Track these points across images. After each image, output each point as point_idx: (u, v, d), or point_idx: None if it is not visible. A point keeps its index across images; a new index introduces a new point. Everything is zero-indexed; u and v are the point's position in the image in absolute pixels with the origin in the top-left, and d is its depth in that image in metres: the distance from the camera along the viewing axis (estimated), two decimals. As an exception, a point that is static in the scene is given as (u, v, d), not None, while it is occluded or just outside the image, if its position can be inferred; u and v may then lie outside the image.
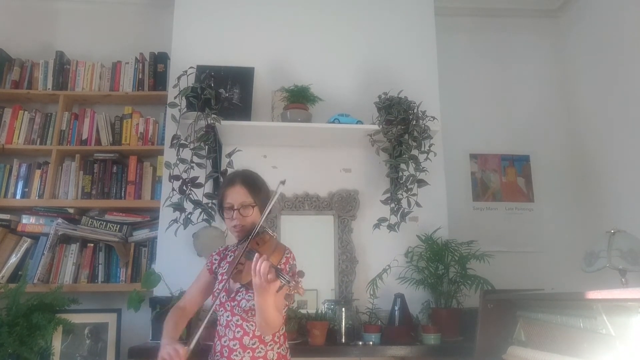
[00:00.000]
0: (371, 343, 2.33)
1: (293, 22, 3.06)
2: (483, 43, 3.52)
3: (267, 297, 1.56)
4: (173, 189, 2.48)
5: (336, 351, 2.31)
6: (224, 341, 1.78)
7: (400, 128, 2.60)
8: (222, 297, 1.81)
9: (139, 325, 2.62)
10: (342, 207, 2.78)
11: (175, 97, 2.57)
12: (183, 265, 2.53)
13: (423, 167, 2.62)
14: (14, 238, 2.88)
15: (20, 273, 2.75)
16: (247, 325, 1.77)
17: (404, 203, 2.61)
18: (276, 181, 2.81)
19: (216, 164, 2.65)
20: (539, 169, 3.33)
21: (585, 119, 3.28)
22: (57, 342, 2.50)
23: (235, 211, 1.81)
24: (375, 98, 2.73)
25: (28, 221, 2.90)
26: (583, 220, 3.19)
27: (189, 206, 2.50)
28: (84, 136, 3.05)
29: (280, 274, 1.51)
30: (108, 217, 2.94)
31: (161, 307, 2.36)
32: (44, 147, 3.01)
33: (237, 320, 1.77)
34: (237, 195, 1.82)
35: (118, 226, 2.89)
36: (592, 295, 1.37)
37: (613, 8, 3.03)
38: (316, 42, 3.03)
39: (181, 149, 2.51)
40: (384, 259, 2.62)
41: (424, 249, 2.62)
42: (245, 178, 1.87)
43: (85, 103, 3.20)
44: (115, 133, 3.07)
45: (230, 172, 1.98)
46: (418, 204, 2.60)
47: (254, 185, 1.87)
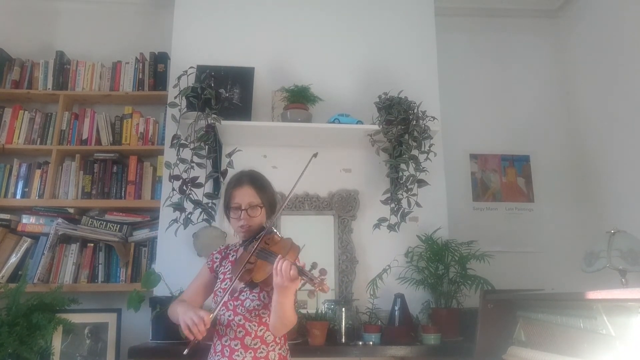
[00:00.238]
0: (371, 343, 2.33)
1: (293, 22, 3.06)
2: (483, 43, 3.52)
3: (288, 296, 1.59)
4: (173, 189, 2.48)
5: (336, 351, 2.31)
6: (225, 341, 1.77)
7: (400, 128, 2.60)
8: (225, 297, 1.80)
9: (139, 325, 2.62)
10: (342, 207, 2.78)
11: (175, 97, 2.57)
12: (183, 265, 2.53)
13: (423, 167, 2.62)
14: (14, 238, 2.88)
15: (20, 273, 2.75)
16: (250, 325, 1.76)
17: (404, 203, 2.61)
18: (276, 181, 2.83)
19: (216, 164, 2.65)
20: (539, 169, 3.33)
21: (585, 119, 3.28)
22: (57, 342, 2.50)
23: (243, 211, 1.81)
24: (375, 98, 2.73)
25: (28, 221, 2.90)
26: (583, 220, 3.19)
27: (189, 206, 2.50)
28: (84, 136, 3.05)
29: (303, 273, 1.52)
30: (108, 217, 2.94)
31: (161, 307, 2.36)
32: (44, 147, 3.01)
33: (240, 320, 1.77)
34: (246, 195, 1.83)
35: (118, 226, 2.89)
36: (592, 295, 1.37)
37: (613, 8, 3.03)
38: (316, 42, 3.03)
39: (181, 149, 2.51)
40: (384, 259, 2.62)
41: (424, 249, 2.62)
42: (252, 178, 1.88)
43: (85, 103, 3.20)
44: (115, 133, 3.08)
45: (235, 172, 1.96)
46: (418, 204, 2.60)
47: (262, 185, 1.89)
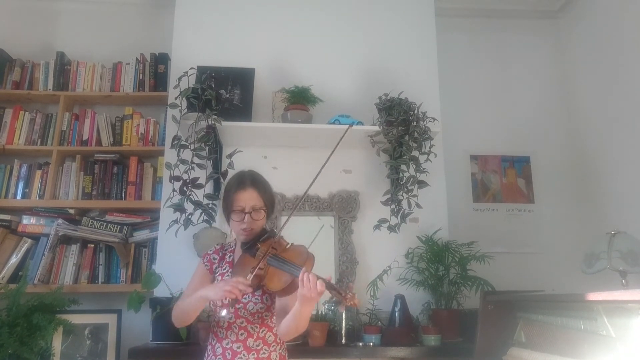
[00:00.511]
0: (371, 344, 2.33)
1: (293, 23, 3.06)
2: (483, 44, 3.52)
3: (311, 307, 1.57)
4: (173, 190, 2.48)
5: (336, 352, 2.31)
6: (226, 344, 1.75)
7: (400, 129, 2.61)
8: (225, 299, 1.78)
9: (139, 326, 2.63)
10: (343, 208, 2.78)
11: (175, 98, 2.57)
12: (183, 266, 2.52)
13: (423, 168, 2.63)
14: (15, 238, 2.88)
15: (20, 274, 2.75)
16: (252, 327, 1.76)
17: (405, 204, 2.61)
18: (277, 182, 2.83)
19: (217, 165, 2.65)
20: (539, 170, 3.33)
21: (585, 120, 3.28)
22: (58, 343, 2.50)
23: (246, 215, 1.77)
24: (375, 99, 2.74)
25: (28, 222, 2.90)
26: (583, 221, 3.19)
27: (190, 207, 2.50)
28: (85, 137, 3.05)
29: (332, 287, 1.50)
30: (108, 218, 2.94)
31: (161, 308, 2.36)
32: (45, 148, 3.01)
33: (242, 322, 1.76)
34: (249, 198, 1.78)
35: (118, 227, 2.89)
36: (593, 296, 1.37)
37: (613, 9, 3.03)
38: (317, 43, 3.03)
39: (182, 150, 2.51)
40: (384, 260, 2.62)
41: (424, 250, 2.62)
42: (254, 181, 1.84)
43: (85, 104, 3.20)
44: (115, 134, 3.08)
45: (235, 174, 1.92)
46: (418, 205, 2.60)
47: (264, 188, 1.85)
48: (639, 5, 2.80)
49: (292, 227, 2.69)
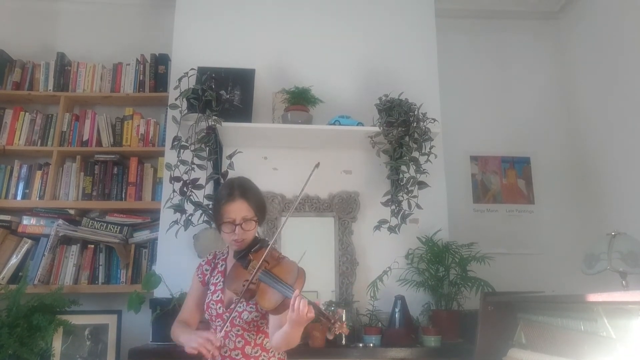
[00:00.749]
0: (371, 345, 2.33)
1: (294, 24, 3.06)
2: (483, 45, 3.52)
3: (301, 329, 1.57)
4: (174, 191, 2.48)
5: (336, 353, 2.31)
6: (224, 352, 1.74)
7: (400, 130, 2.61)
8: (219, 308, 1.77)
9: (140, 326, 2.62)
10: (343, 209, 2.78)
11: (176, 99, 2.57)
12: (183, 266, 2.52)
13: (423, 169, 2.63)
14: (15, 239, 2.88)
15: (20, 274, 2.75)
16: (248, 335, 1.75)
17: (405, 205, 2.61)
18: (277, 182, 2.83)
19: (217, 166, 2.65)
20: (540, 171, 3.33)
21: (585, 121, 3.28)
22: (58, 343, 2.49)
23: (237, 226, 1.74)
24: (375, 100, 2.74)
25: (29, 222, 2.90)
26: (583, 222, 3.19)
27: (190, 208, 2.50)
28: (85, 137, 3.05)
29: (322, 314, 1.49)
30: (109, 219, 2.94)
31: (161, 309, 2.36)
32: (45, 148, 3.01)
33: (238, 330, 1.75)
34: (239, 210, 1.74)
35: (118, 227, 2.89)
36: (593, 297, 1.37)
37: (613, 10, 3.03)
38: (317, 44, 3.03)
39: (182, 151, 2.51)
40: (385, 261, 2.62)
41: (425, 251, 2.62)
42: (244, 191, 1.78)
43: (86, 104, 3.21)
44: (116, 134, 3.08)
45: (224, 184, 1.88)
46: (418, 206, 2.60)
47: (254, 197, 1.80)
48: (639, 6, 2.81)
49: (293, 229, 2.72)
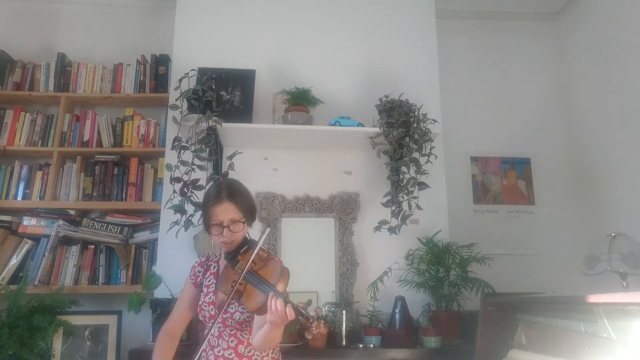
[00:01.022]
0: (372, 346, 2.33)
1: (294, 25, 3.07)
2: (484, 46, 3.52)
3: (281, 330, 1.56)
4: (174, 191, 2.48)
5: (337, 354, 2.31)
6: (218, 351, 1.76)
7: (401, 131, 2.61)
8: (211, 310, 1.78)
9: (140, 327, 2.63)
10: (343, 210, 2.78)
11: (176, 99, 2.57)
12: (184, 267, 2.49)
13: (424, 170, 2.63)
14: (15, 239, 2.88)
15: (21, 275, 2.75)
16: (241, 334, 1.76)
17: (405, 206, 2.61)
18: (277, 183, 2.82)
19: (217, 166, 2.66)
20: (540, 172, 3.33)
21: (585, 122, 3.28)
22: (58, 344, 2.50)
23: (225, 228, 1.73)
24: (376, 101, 2.74)
25: (29, 223, 2.90)
26: (583, 223, 3.19)
27: (190, 208, 2.50)
28: (85, 138, 3.05)
29: (300, 313, 1.48)
30: (109, 219, 2.94)
31: (162, 309, 2.36)
32: (45, 149, 3.01)
33: (231, 330, 1.76)
34: (226, 212, 1.74)
35: (119, 228, 2.89)
36: (593, 298, 1.36)
37: (613, 11, 3.03)
38: (317, 45, 3.04)
39: (182, 151, 2.51)
40: (385, 262, 2.62)
41: (425, 252, 2.62)
42: (231, 193, 1.77)
43: (86, 105, 3.21)
44: (116, 135, 3.08)
45: (212, 186, 1.87)
46: (419, 207, 2.60)
47: (242, 199, 1.79)
48: (639, 7, 2.81)
49: (293, 229, 2.73)
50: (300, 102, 2.71)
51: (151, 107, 3.17)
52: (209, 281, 1.86)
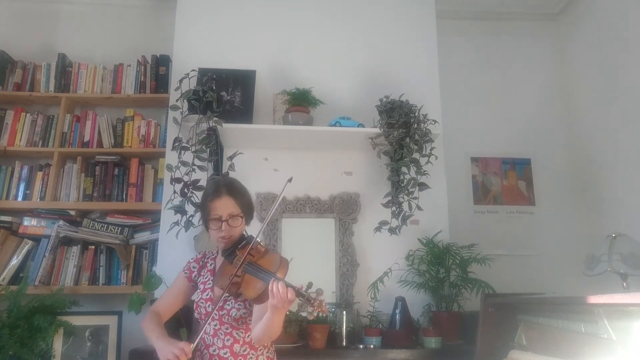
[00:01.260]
0: (372, 346, 2.33)
1: (295, 26, 3.07)
2: (484, 46, 3.53)
3: (282, 315, 1.57)
4: (174, 192, 2.49)
5: (337, 354, 2.31)
6: (213, 350, 1.76)
7: (401, 131, 2.61)
8: (208, 307, 1.78)
9: (140, 327, 2.61)
10: (343, 210, 2.78)
11: (177, 100, 2.58)
12: (184, 267, 2.53)
13: (424, 171, 2.63)
14: (15, 240, 2.88)
15: (21, 275, 2.75)
16: (237, 332, 1.76)
17: (405, 206, 2.61)
18: (277, 183, 2.82)
19: (218, 167, 2.66)
20: (540, 173, 3.33)
21: (586, 122, 3.28)
22: (58, 344, 2.50)
23: (223, 222, 1.76)
24: (376, 101, 2.74)
25: (29, 223, 2.90)
26: (584, 223, 3.19)
27: (190, 209, 2.50)
28: (86, 138, 3.05)
29: (301, 294, 1.49)
30: (109, 220, 2.94)
31: (162, 310, 2.36)
32: (46, 149, 3.01)
33: (227, 328, 1.77)
34: (225, 206, 1.77)
35: (119, 228, 2.89)
36: (594, 299, 1.37)
37: (613, 11, 3.04)
38: (318, 46, 3.04)
39: (183, 152, 2.52)
40: (385, 262, 2.62)
41: (425, 252, 2.62)
42: (230, 188, 1.82)
43: (87, 105, 3.21)
44: (116, 135, 3.08)
45: (211, 182, 1.92)
46: (419, 207, 2.60)
47: (240, 194, 1.83)
48: (639, 7, 2.81)
49: (294, 230, 2.73)
50: (300, 103, 2.71)
51: (152, 108, 3.17)
52: (206, 278, 1.86)
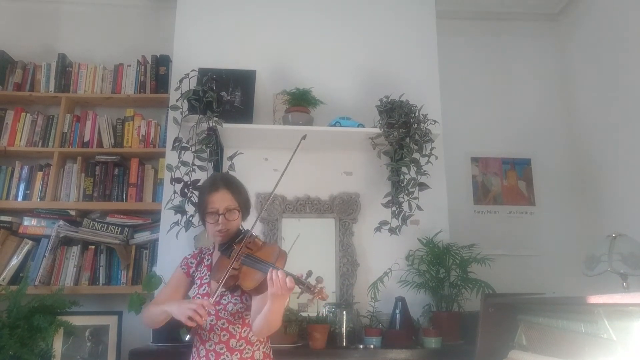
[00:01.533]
0: (372, 346, 2.33)
1: (295, 26, 3.07)
2: (484, 46, 3.53)
3: (282, 304, 1.57)
4: (174, 192, 2.49)
5: (337, 354, 2.31)
6: (209, 345, 1.76)
7: (401, 131, 2.61)
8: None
9: (140, 327, 2.60)
10: (343, 210, 2.78)
11: (177, 100, 2.58)
12: (184, 267, 2.53)
13: (424, 171, 2.63)
14: (16, 240, 2.88)
15: (21, 275, 2.75)
16: (233, 327, 1.77)
17: (405, 206, 2.61)
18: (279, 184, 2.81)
19: (218, 167, 2.66)
20: (540, 173, 3.33)
21: (586, 123, 3.28)
22: (58, 344, 2.49)
23: (220, 216, 1.78)
24: (376, 101, 2.74)
25: (29, 223, 2.90)
26: (584, 223, 3.19)
27: (191, 209, 2.49)
28: (86, 138, 3.05)
29: (300, 282, 1.50)
30: (109, 220, 2.94)
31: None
32: (46, 149, 3.01)
33: (223, 323, 1.77)
34: (222, 200, 1.80)
35: (119, 228, 2.89)
36: (594, 299, 1.37)
37: (613, 12, 3.04)
38: (318, 46, 3.04)
39: (183, 152, 2.52)
40: (385, 262, 2.62)
41: (425, 253, 2.62)
42: (227, 182, 1.86)
43: (87, 105, 3.21)
44: (117, 135, 3.08)
45: (209, 177, 1.94)
46: (419, 207, 2.60)
47: (237, 188, 1.86)
48: (639, 7, 2.81)
49: (294, 230, 2.72)
50: (300, 103, 2.71)
51: (152, 108, 3.17)
52: (203, 273, 1.87)
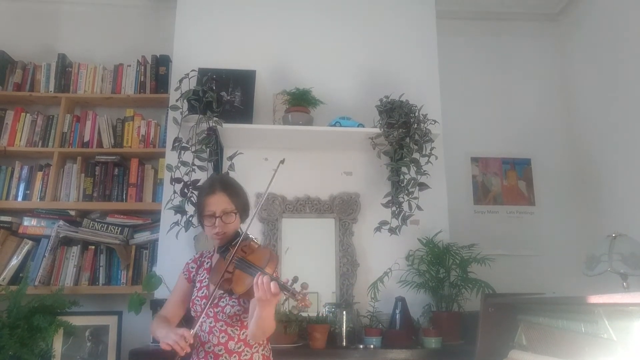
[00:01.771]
0: (372, 346, 2.33)
1: (295, 26, 3.07)
2: (484, 46, 3.53)
3: (270, 310, 1.57)
4: (174, 192, 2.49)
5: (337, 354, 2.31)
6: (208, 347, 1.76)
7: (401, 131, 2.61)
8: (203, 304, 1.78)
9: (140, 327, 2.62)
10: (343, 210, 2.78)
11: (177, 100, 2.58)
12: (184, 267, 2.53)
13: (424, 171, 2.63)
14: (15, 240, 2.88)
15: (21, 275, 2.75)
16: (232, 330, 1.77)
17: (405, 206, 2.61)
18: (277, 184, 2.82)
19: (218, 167, 2.66)
20: (540, 173, 3.33)
21: (586, 123, 3.28)
22: (58, 345, 2.50)
23: (217, 219, 1.78)
24: (376, 101, 2.74)
25: (29, 223, 2.90)
26: (584, 223, 3.19)
27: (190, 209, 2.49)
28: (86, 138, 3.05)
29: (285, 288, 1.50)
30: (109, 220, 2.94)
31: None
32: (46, 149, 3.01)
33: (222, 325, 1.77)
34: (219, 202, 1.80)
35: (119, 228, 2.89)
36: (594, 299, 1.37)
37: (612, 12, 3.04)
38: (318, 46, 3.04)
39: (183, 152, 2.52)
40: (385, 262, 2.62)
41: (425, 253, 2.62)
42: (225, 185, 1.85)
43: (87, 105, 3.21)
44: (116, 135, 3.08)
45: (207, 179, 1.94)
46: (419, 207, 2.60)
47: (235, 191, 1.85)
48: (639, 7, 2.81)
49: (294, 230, 2.73)
50: (300, 103, 2.71)
51: (151, 108, 3.17)
52: (202, 276, 1.88)
